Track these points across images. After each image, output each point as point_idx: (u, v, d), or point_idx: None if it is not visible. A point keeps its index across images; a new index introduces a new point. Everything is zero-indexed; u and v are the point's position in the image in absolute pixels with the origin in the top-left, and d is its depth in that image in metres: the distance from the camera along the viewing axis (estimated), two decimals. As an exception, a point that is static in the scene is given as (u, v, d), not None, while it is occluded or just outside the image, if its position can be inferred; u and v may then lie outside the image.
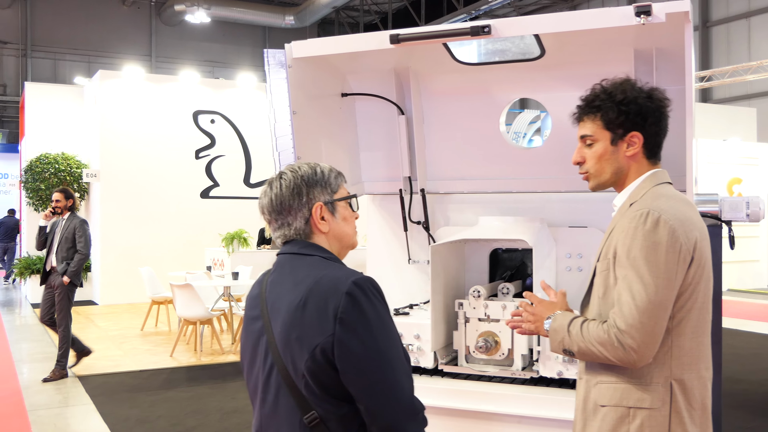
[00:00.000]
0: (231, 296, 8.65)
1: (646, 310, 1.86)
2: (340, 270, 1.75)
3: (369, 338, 1.65)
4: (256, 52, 28.44)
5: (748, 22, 19.20)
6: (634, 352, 1.87)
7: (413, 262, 3.73)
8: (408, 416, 1.68)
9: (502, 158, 3.53)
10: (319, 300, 1.67)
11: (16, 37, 24.67)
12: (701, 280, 1.94)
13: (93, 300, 13.21)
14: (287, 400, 1.71)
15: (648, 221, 1.90)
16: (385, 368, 1.66)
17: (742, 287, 13.95)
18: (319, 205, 1.82)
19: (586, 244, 3.32)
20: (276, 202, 1.83)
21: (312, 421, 1.67)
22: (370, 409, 1.66)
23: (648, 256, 1.88)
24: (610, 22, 2.58)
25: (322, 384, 1.67)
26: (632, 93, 2.04)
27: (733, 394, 6.22)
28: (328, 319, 1.65)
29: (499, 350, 3.08)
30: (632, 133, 2.05)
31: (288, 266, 1.81)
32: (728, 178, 14.50)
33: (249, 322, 1.85)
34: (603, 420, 1.97)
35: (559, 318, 2.06)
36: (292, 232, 1.82)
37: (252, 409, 1.87)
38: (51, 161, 13.37)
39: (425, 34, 2.84)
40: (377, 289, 1.72)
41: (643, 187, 2.04)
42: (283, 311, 1.73)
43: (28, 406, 6.10)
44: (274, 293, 1.79)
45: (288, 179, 1.84)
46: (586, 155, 2.12)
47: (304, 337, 1.67)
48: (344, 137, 3.64)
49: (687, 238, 1.90)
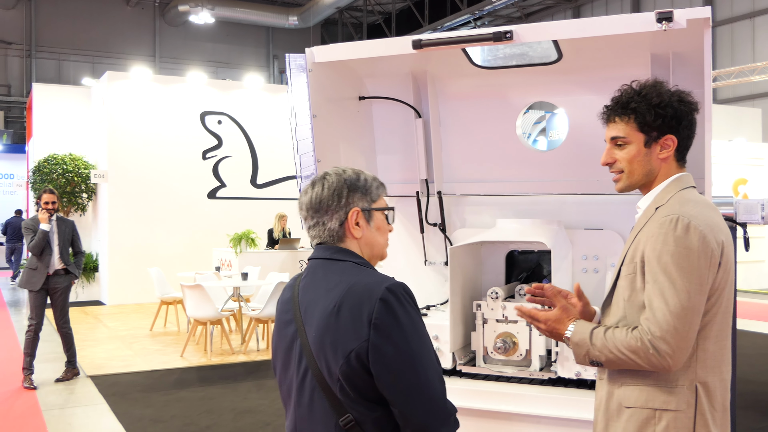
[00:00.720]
0: (240, 297, 8.69)
1: (680, 315, 1.87)
2: (372, 276, 1.77)
3: (403, 343, 1.68)
4: (259, 53, 28.52)
5: (752, 23, 19.21)
6: (670, 358, 1.88)
7: (430, 264, 3.77)
8: (441, 419, 1.71)
9: (518, 161, 3.56)
10: (353, 306, 1.70)
11: (20, 38, 24.75)
12: (726, 285, 1.96)
13: (101, 300, 13.26)
14: (322, 402, 1.74)
15: (679, 227, 1.91)
16: (419, 372, 1.69)
17: (747, 288, 13.97)
18: (356, 210, 1.84)
19: (602, 246, 3.35)
20: (315, 201, 1.84)
21: (347, 423, 1.71)
22: (404, 412, 1.69)
23: (680, 262, 1.89)
24: (631, 29, 2.62)
25: (356, 388, 1.70)
26: (667, 96, 2.05)
27: (743, 395, 6.25)
28: (362, 325, 1.68)
29: (517, 351, 3.11)
30: (667, 135, 2.06)
31: (321, 271, 1.83)
32: (734, 178, 14.53)
33: (282, 326, 1.88)
34: (628, 421, 1.99)
35: (578, 331, 2.06)
36: (326, 233, 1.84)
37: (285, 412, 1.90)
38: (59, 162, 13.43)
39: (448, 39, 2.88)
40: (410, 294, 1.75)
41: (669, 191, 2.05)
42: (316, 316, 1.76)
43: (42, 406, 6.15)
44: (307, 298, 1.81)
45: (331, 181, 1.85)
46: (618, 156, 2.12)
47: (339, 343, 1.70)
48: (362, 140, 3.68)
49: (716, 243, 1.92)
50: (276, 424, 5.63)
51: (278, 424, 5.65)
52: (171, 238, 13.22)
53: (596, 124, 2.28)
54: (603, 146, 2.23)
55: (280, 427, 5.58)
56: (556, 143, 3.53)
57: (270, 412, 5.96)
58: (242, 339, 8.79)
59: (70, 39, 25.12)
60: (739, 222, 3.27)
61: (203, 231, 13.31)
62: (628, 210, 3.12)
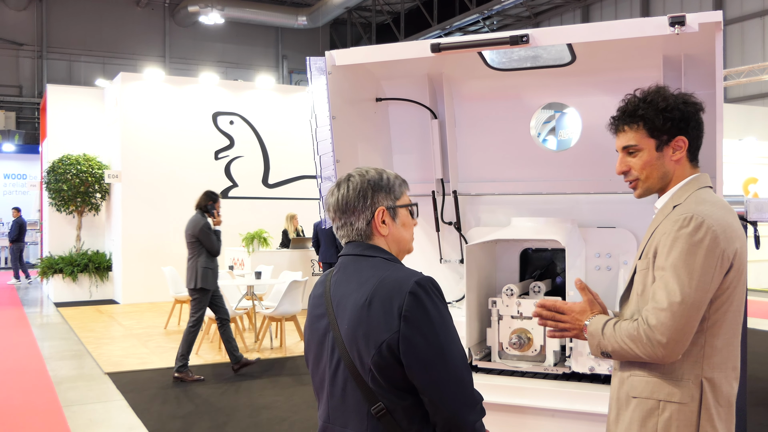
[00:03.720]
0: (254, 295, 8.79)
1: (679, 308, 1.93)
2: (402, 270, 1.85)
3: (431, 334, 1.76)
4: (269, 53, 28.62)
5: (762, 21, 19.16)
6: (662, 348, 1.95)
7: (445, 262, 3.84)
8: (468, 407, 1.80)
9: (532, 160, 3.63)
10: (384, 299, 1.78)
11: (32, 39, 24.94)
12: (738, 285, 2.01)
13: (114, 299, 13.40)
14: (354, 392, 1.82)
15: (691, 225, 1.97)
16: (447, 362, 1.77)
17: (759, 287, 13.96)
18: (382, 209, 1.92)
19: (614, 244, 3.42)
20: (342, 202, 1.92)
21: (379, 411, 1.79)
22: (434, 400, 1.77)
23: (687, 258, 1.95)
24: (645, 32, 2.68)
25: (387, 377, 1.78)
26: (672, 100, 2.11)
27: (754, 392, 6.30)
28: (393, 317, 1.76)
29: (532, 346, 3.19)
30: (678, 137, 2.11)
31: (352, 267, 1.91)
32: (744, 177, 14.53)
33: (314, 320, 1.96)
34: (634, 410, 2.07)
35: (594, 322, 2.13)
36: (354, 232, 1.92)
37: (317, 403, 1.99)
38: (73, 162, 13.57)
39: (466, 43, 2.96)
40: (437, 288, 1.83)
41: (686, 190, 2.11)
42: (349, 309, 1.84)
43: (62, 402, 6.26)
44: (339, 292, 1.89)
45: (355, 182, 1.92)
46: (631, 164, 2.17)
47: (371, 334, 1.78)
48: (379, 140, 3.76)
49: (728, 244, 1.97)
50: (292, 420, 5.72)
51: (294, 420, 5.74)
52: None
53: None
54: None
55: (296, 422, 5.67)
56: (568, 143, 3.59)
57: (285, 408, 6.06)
58: (256, 337, 8.89)
59: (81, 40, 25.29)
60: (749, 220, 3.33)
61: (215, 230, 13.41)
62: (640, 209, 3.19)
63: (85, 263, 13.42)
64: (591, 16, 23.47)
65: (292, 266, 11.44)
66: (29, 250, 21.49)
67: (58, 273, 13.29)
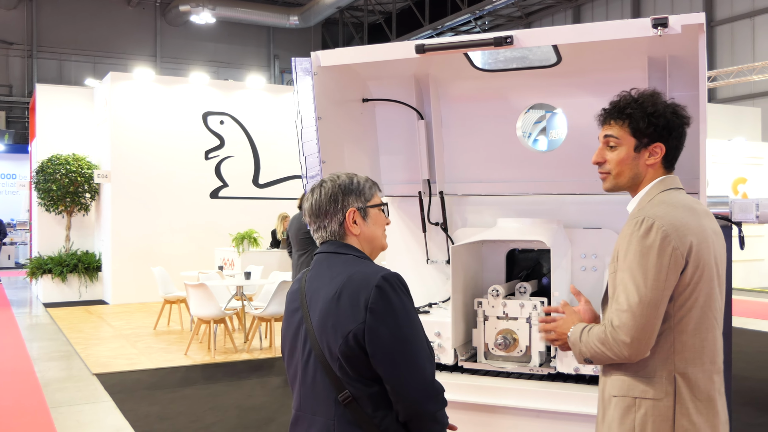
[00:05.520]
0: (243, 295, 8.77)
1: (638, 308, 2.01)
2: (370, 266, 2.00)
3: (395, 326, 1.89)
4: (260, 53, 28.59)
5: (752, 22, 19.27)
6: (627, 348, 2.03)
7: (432, 262, 3.85)
8: (429, 396, 1.92)
9: (518, 161, 3.64)
10: (352, 292, 1.91)
11: (21, 38, 24.83)
12: (701, 281, 2.06)
13: (104, 299, 13.35)
14: (323, 380, 1.95)
15: (642, 227, 2.05)
16: (409, 353, 1.90)
17: (747, 286, 14.04)
18: (353, 210, 2.07)
19: (600, 245, 3.43)
20: (315, 207, 2.08)
21: (345, 398, 1.91)
22: (396, 388, 1.90)
23: (640, 260, 2.03)
24: (629, 34, 2.69)
25: (354, 366, 1.90)
26: (662, 107, 2.17)
27: (741, 392, 6.33)
28: (359, 309, 1.89)
29: (517, 347, 3.20)
30: (656, 143, 2.17)
31: (325, 263, 2.05)
32: (733, 177, 14.60)
33: (290, 314, 2.09)
34: (614, 408, 2.14)
35: (574, 331, 2.22)
36: (328, 233, 2.08)
37: (291, 393, 2.09)
38: (62, 162, 13.50)
39: (450, 44, 2.96)
40: (403, 283, 1.97)
41: (650, 194, 2.18)
42: (320, 302, 1.97)
43: (50, 404, 6.23)
44: (313, 287, 2.03)
45: (327, 187, 2.08)
46: (608, 157, 2.24)
47: (339, 325, 1.91)
48: (365, 141, 3.76)
49: (680, 242, 2.03)
50: (280, 421, 5.71)
51: (283, 420, 5.73)
52: (173, 237, 13.31)
53: (594, 126, 2.36)
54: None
55: (284, 423, 5.67)
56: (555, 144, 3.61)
57: (274, 409, 6.05)
58: (245, 337, 8.87)
59: (72, 39, 25.19)
60: (734, 221, 3.34)
61: (206, 230, 13.40)
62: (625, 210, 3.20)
63: (75, 263, 13.36)
64: (582, 16, 23.54)
65: (282, 266, 11.42)
66: (18, 250, 21.41)
67: (47, 273, 13.23)
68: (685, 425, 2.05)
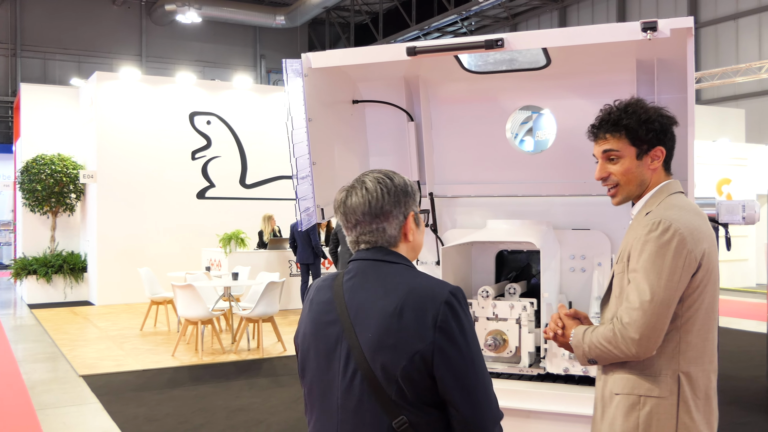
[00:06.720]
0: (231, 296, 8.75)
1: (649, 306, 2.05)
2: (430, 279, 1.79)
3: (465, 347, 1.72)
4: (246, 52, 28.49)
5: (736, 24, 19.45)
6: (635, 345, 2.07)
7: (421, 264, 3.85)
8: (495, 422, 1.75)
9: (508, 163, 3.66)
10: (417, 308, 1.71)
11: (5, 37, 24.60)
12: (708, 284, 2.13)
13: (89, 300, 13.26)
14: (373, 405, 1.73)
15: (659, 228, 2.09)
16: (479, 376, 1.73)
17: (731, 286, 14.17)
18: (412, 214, 1.86)
19: (589, 246, 3.46)
20: (374, 205, 1.80)
21: (401, 425, 1.71)
22: (465, 414, 1.71)
23: (656, 260, 2.07)
24: (618, 37, 2.72)
25: (415, 389, 1.71)
26: (652, 112, 2.23)
27: (725, 391, 6.39)
28: (427, 327, 1.70)
29: (507, 348, 3.21)
30: (657, 147, 2.22)
31: (372, 273, 1.81)
32: (717, 178, 14.73)
33: (322, 326, 1.83)
34: (617, 406, 2.18)
35: (575, 334, 2.26)
36: (385, 237, 1.83)
37: (307, 415, 1.89)
38: (47, 162, 13.40)
39: (441, 47, 2.97)
40: (466, 299, 1.79)
41: (658, 197, 2.22)
42: (375, 317, 1.74)
43: (36, 406, 6.19)
44: (358, 299, 1.79)
45: (387, 185, 1.83)
46: (612, 170, 2.26)
47: (401, 344, 1.70)
48: (355, 142, 3.76)
49: (695, 246, 2.08)
50: (269, 422, 5.70)
51: (271, 421, 5.72)
52: (160, 238, 13.24)
53: (584, 127, 2.39)
54: (590, 148, 2.34)
55: (273, 424, 5.66)
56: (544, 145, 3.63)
57: (262, 410, 6.04)
58: (233, 338, 8.85)
59: (56, 38, 24.99)
60: (721, 222, 3.38)
61: (192, 231, 13.34)
62: (614, 211, 3.22)
63: (60, 264, 13.26)
64: (568, 17, 23.66)
65: (270, 267, 11.40)
66: (2, 250, 21.21)
67: (32, 274, 13.12)
68: (687, 422, 2.10)
